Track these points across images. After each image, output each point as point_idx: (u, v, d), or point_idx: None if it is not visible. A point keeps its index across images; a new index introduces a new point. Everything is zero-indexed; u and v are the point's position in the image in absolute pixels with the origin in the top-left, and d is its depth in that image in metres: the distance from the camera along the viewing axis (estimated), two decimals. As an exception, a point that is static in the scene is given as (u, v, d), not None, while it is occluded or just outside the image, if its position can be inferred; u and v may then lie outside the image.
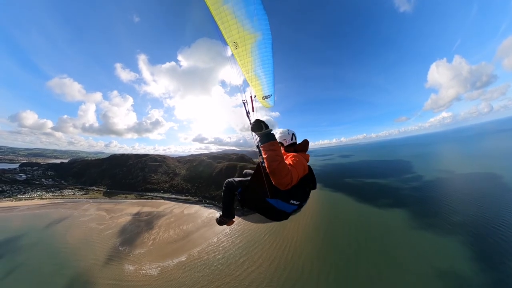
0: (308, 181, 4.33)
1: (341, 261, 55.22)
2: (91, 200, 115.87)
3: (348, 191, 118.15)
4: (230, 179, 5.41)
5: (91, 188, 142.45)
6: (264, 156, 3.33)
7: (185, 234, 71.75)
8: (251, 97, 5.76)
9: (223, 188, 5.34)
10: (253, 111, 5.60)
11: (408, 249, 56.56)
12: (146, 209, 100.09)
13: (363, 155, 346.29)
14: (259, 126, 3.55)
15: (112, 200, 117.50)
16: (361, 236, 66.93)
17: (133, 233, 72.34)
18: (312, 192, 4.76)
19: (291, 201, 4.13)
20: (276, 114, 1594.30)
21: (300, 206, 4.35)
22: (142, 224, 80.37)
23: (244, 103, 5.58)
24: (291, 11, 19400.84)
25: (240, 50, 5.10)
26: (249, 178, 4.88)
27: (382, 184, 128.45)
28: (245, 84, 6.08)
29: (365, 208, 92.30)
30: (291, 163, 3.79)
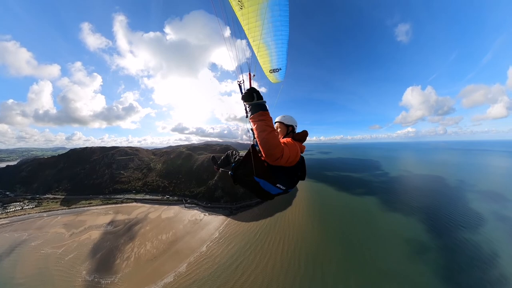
0: (298, 169, 4.32)
1: (336, 246, 61.35)
2: (45, 214, 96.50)
3: (329, 182, 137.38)
4: (230, 153, 5.83)
5: (44, 197, 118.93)
6: (253, 127, 3.14)
7: (167, 246, 63.08)
8: (249, 73, 5.02)
9: (224, 155, 5.92)
10: None
11: (383, 226, 72.65)
12: (115, 217, 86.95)
13: (340, 153, 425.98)
14: (250, 96, 3.17)
15: (72, 210, 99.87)
16: (346, 220, 79.33)
17: (101, 254, 60.94)
18: (300, 183, 4.89)
19: (278, 185, 4.10)
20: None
21: (285, 192, 4.34)
22: (112, 239, 68.74)
23: (239, 84, 4.84)
24: (296, 11, 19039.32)
25: (246, 11, 4.21)
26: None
27: (356, 177, 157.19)
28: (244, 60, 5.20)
29: (345, 196, 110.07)
30: (285, 142, 3.73)
